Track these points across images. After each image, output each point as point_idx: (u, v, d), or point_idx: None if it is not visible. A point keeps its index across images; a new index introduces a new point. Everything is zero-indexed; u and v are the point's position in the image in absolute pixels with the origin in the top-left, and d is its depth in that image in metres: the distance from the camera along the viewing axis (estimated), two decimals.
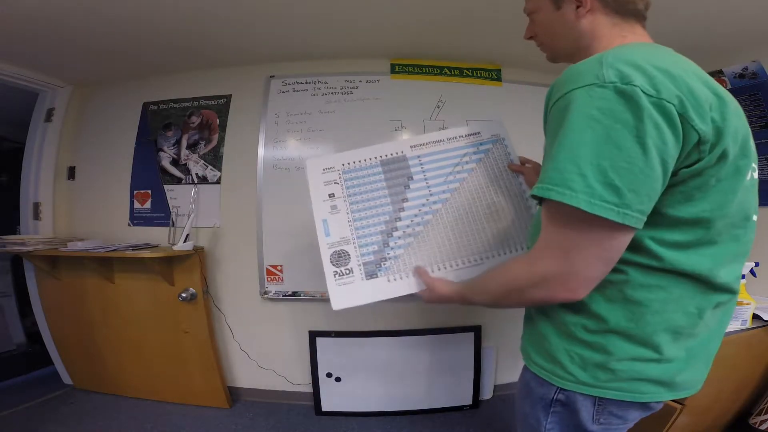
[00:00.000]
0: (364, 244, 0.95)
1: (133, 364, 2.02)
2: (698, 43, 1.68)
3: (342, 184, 1.02)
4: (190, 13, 1.55)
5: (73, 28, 1.61)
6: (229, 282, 2.06)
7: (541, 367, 0.66)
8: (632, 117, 0.45)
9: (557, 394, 0.63)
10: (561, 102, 0.51)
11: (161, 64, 2.02)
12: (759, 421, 1.36)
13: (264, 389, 2.06)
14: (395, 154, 1.05)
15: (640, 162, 0.46)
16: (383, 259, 0.95)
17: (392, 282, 0.92)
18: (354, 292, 0.91)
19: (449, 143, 1.06)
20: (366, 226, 0.98)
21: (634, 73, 0.46)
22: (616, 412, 0.61)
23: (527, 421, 0.71)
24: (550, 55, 0.75)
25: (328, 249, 0.95)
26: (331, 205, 1.00)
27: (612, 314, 0.58)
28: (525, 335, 0.76)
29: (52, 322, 2.11)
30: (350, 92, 2.02)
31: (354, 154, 1.05)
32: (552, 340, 0.64)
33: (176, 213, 2.05)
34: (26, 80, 2.03)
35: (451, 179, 1.02)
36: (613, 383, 0.58)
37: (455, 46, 1.90)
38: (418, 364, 1.96)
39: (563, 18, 0.65)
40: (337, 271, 0.93)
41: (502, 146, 1.07)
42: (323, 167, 1.04)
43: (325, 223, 0.98)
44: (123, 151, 2.15)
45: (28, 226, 2.13)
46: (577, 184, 0.47)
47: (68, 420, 1.82)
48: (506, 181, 1.02)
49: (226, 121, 2.07)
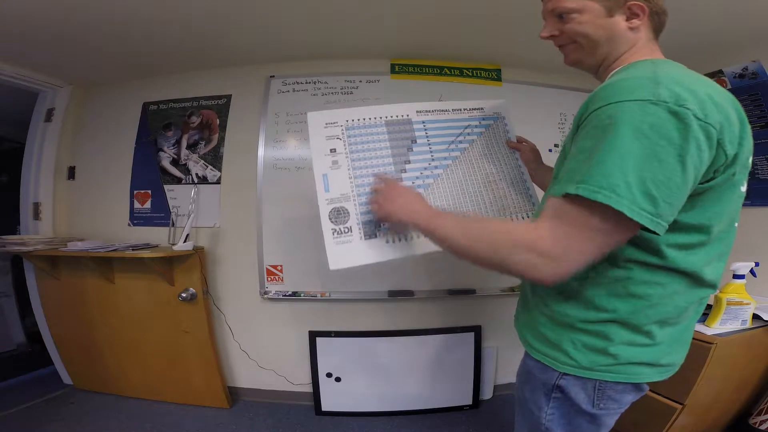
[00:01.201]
0: (364, 202, 0.93)
1: (133, 364, 2.02)
2: (698, 42, 1.68)
3: (345, 140, 1.00)
4: (190, 13, 1.55)
5: (74, 28, 1.61)
6: (229, 282, 2.06)
7: (544, 354, 0.69)
8: (679, 137, 0.49)
9: (558, 380, 0.67)
10: (608, 110, 0.53)
11: (161, 64, 2.02)
12: (759, 421, 1.36)
13: (264, 389, 2.06)
14: (401, 116, 1.05)
15: (678, 178, 0.50)
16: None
17: (391, 244, 0.91)
18: (352, 251, 0.89)
19: (453, 114, 1.09)
20: (367, 184, 0.95)
21: (688, 96, 0.50)
22: (614, 396, 0.66)
23: (527, 407, 0.74)
24: (577, 58, 0.73)
25: (327, 205, 0.92)
26: (333, 160, 0.98)
27: (615, 306, 0.63)
28: (522, 323, 0.78)
29: (52, 322, 2.11)
30: (350, 92, 2.02)
31: (359, 111, 1.04)
32: (554, 329, 0.68)
33: (176, 213, 2.05)
34: (26, 80, 2.03)
35: (453, 147, 1.05)
36: (612, 367, 0.64)
37: (455, 46, 1.90)
38: (418, 364, 1.96)
39: (612, 25, 0.65)
40: (335, 229, 0.90)
41: (503, 124, 1.12)
42: (326, 121, 1.01)
43: (326, 178, 0.95)
44: (123, 151, 2.15)
45: (28, 226, 2.13)
46: (622, 190, 0.50)
47: (68, 420, 1.82)
48: (504, 156, 1.07)
49: (226, 121, 2.07)
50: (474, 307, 2.07)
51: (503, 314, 2.08)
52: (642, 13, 0.64)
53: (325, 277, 1.95)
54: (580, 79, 2.19)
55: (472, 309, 2.07)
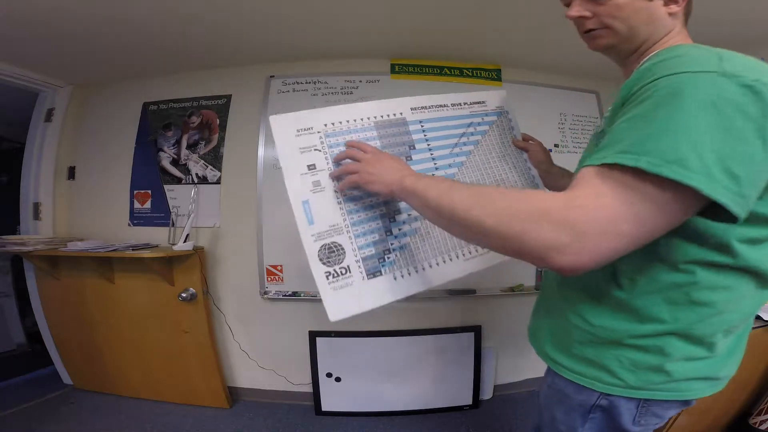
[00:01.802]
0: (361, 233, 0.75)
1: (133, 364, 2.02)
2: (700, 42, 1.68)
3: (326, 151, 0.78)
4: (190, 13, 1.54)
5: (73, 28, 1.61)
6: (229, 282, 2.06)
7: (580, 374, 0.62)
8: (759, 112, 0.43)
9: (599, 400, 0.61)
10: (668, 81, 0.46)
11: (161, 64, 2.02)
12: (759, 421, 1.36)
13: (264, 389, 2.06)
14: (393, 115, 0.87)
15: (760, 156, 0.43)
16: (386, 250, 0.77)
17: (400, 279, 0.76)
18: (354, 296, 0.73)
19: (453, 110, 0.94)
20: (362, 208, 0.77)
21: (761, 73, 0.45)
22: (658, 412, 0.60)
23: (555, 427, 0.68)
24: (610, 43, 0.66)
25: (314, 242, 0.74)
26: (313, 180, 0.75)
27: (675, 317, 0.55)
28: (544, 337, 0.71)
29: (52, 322, 2.11)
30: (350, 92, 2.02)
31: (339, 111, 0.82)
32: (594, 346, 0.61)
33: (176, 213, 2.05)
34: (26, 80, 2.03)
35: (457, 151, 0.89)
36: (666, 384, 0.57)
37: (455, 46, 1.90)
38: (417, 364, 1.96)
39: (652, 9, 0.61)
40: (329, 272, 0.73)
41: (507, 120, 0.98)
42: (297, 128, 0.78)
43: (306, 207, 0.74)
44: (123, 151, 2.15)
45: (28, 226, 2.13)
46: (693, 164, 0.42)
47: (68, 420, 1.82)
48: (512, 157, 0.94)
49: (226, 121, 2.07)
50: (474, 307, 2.07)
51: (503, 314, 2.08)
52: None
53: None
54: (580, 79, 2.19)
55: (472, 309, 2.07)
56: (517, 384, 2.14)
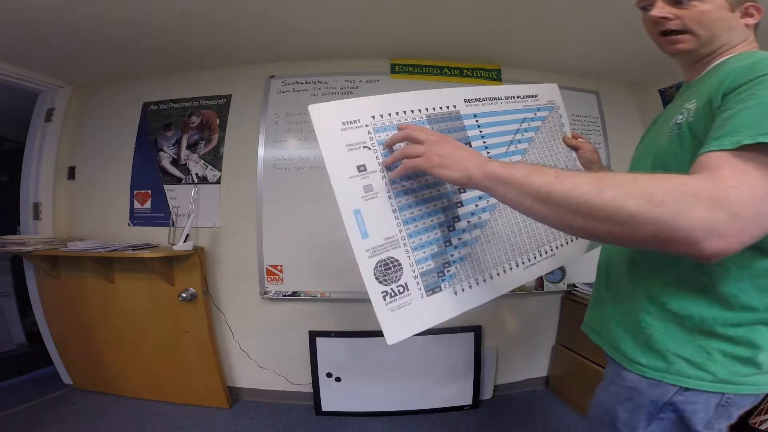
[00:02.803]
0: (419, 245, 0.67)
1: (133, 364, 2.02)
2: None
3: (376, 149, 0.67)
4: (190, 13, 1.55)
5: (74, 27, 1.61)
6: (229, 282, 2.06)
7: (657, 369, 0.58)
8: None
9: (675, 396, 0.57)
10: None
11: (161, 64, 2.02)
12: (759, 421, 1.36)
13: (264, 389, 2.06)
14: (446, 108, 0.77)
15: None
16: (446, 263, 0.69)
17: (461, 294, 0.70)
18: (413, 316, 0.65)
19: (507, 103, 0.86)
20: (418, 216, 0.68)
21: None
22: (735, 411, 0.58)
23: (616, 428, 0.63)
24: (690, 47, 0.66)
25: (369, 258, 0.63)
26: (364, 184, 0.64)
27: (766, 305, 0.54)
28: (609, 327, 0.68)
29: (52, 322, 2.11)
30: (350, 92, 2.02)
31: (387, 101, 0.72)
32: (677, 335, 0.57)
33: (176, 213, 2.05)
34: (26, 80, 2.03)
35: (513, 149, 0.82)
36: (752, 377, 0.55)
37: (455, 46, 1.90)
38: (418, 364, 1.95)
39: (731, 19, 0.64)
40: (386, 291, 0.64)
41: (557, 115, 0.92)
42: (343, 119, 0.66)
43: (359, 216, 0.63)
44: (123, 151, 2.15)
45: (28, 226, 2.13)
46: None
47: (68, 420, 1.82)
48: (563, 157, 0.87)
49: (226, 121, 2.07)
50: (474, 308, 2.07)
51: (503, 314, 2.09)
52: (757, 13, 0.64)
53: (325, 277, 1.95)
54: (580, 79, 2.19)
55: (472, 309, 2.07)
56: (517, 384, 2.14)
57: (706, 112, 0.54)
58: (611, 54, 1.91)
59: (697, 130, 0.55)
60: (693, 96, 0.60)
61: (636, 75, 2.16)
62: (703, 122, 0.54)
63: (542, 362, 2.15)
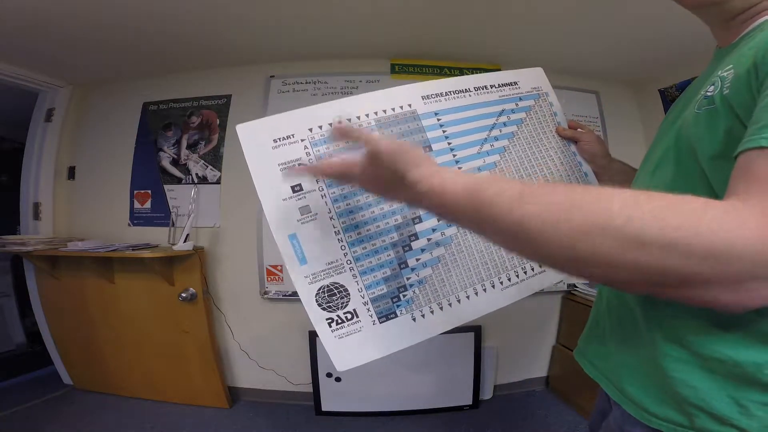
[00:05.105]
0: (368, 268, 0.61)
1: (133, 364, 2.02)
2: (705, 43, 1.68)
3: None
4: (190, 13, 1.55)
5: (73, 28, 1.61)
6: (229, 282, 2.06)
7: (674, 423, 0.46)
8: None
9: None
10: None
11: (161, 64, 2.02)
12: None
13: (264, 389, 2.06)
14: (399, 108, 0.67)
15: None
16: (401, 287, 0.63)
17: (420, 320, 0.64)
18: (364, 343, 0.60)
19: (478, 95, 0.73)
20: (366, 237, 0.61)
21: None
22: None
23: None
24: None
25: (308, 284, 0.58)
26: (300, 206, 0.60)
27: None
28: (628, 375, 0.53)
29: (52, 322, 2.11)
30: (350, 92, 2.02)
31: (329, 109, 0.65)
32: (705, 382, 0.44)
33: (176, 213, 2.05)
34: (26, 80, 2.03)
35: (487, 149, 0.70)
36: None
37: (455, 46, 1.90)
38: (417, 364, 1.95)
39: None
40: (332, 318, 0.59)
41: (546, 103, 0.78)
42: (274, 136, 0.61)
43: (295, 241, 0.58)
44: (123, 151, 2.15)
45: (28, 226, 2.13)
46: None
47: (68, 420, 1.82)
48: (558, 152, 0.75)
49: (226, 121, 2.07)
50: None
51: (503, 314, 2.07)
52: None
53: None
54: (580, 79, 2.19)
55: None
56: (517, 384, 2.14)
57: (750, 82, 0.39)
58: (611, 54, 1.91)
59: (736, 106, 0.40)
60: (730, 62, 0.44)
61: (636, 75, 2.16)
62: (746, 94, 0.39)
63: (542, 362, 2.15)
